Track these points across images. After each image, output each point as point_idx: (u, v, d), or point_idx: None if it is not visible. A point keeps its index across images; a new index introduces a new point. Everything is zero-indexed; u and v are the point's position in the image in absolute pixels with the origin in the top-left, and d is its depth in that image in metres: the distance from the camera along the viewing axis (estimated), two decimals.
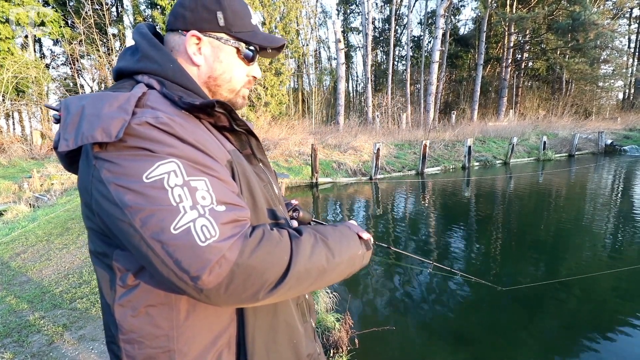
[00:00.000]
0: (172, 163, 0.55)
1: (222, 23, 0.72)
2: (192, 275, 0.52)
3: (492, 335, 2.91)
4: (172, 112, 0.61)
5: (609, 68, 23.93)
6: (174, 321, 0.62)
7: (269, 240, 0.59)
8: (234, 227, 0.57)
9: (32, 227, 5.42)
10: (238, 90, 0.79)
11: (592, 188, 8.85)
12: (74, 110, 0.56)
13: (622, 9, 24.26)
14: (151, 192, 0.53)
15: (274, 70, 16.06)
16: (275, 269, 0.58)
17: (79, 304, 2.99)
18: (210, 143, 0.63)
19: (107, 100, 0.57)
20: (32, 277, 3.60)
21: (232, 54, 0.75)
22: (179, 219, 0.53)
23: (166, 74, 0.68)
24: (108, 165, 0.55)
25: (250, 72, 0.80)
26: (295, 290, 0.61)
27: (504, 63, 23.17)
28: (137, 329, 0.62)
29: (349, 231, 0.76)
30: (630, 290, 3.54)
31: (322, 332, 2.60)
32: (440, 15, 18.19)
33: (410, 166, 12.04)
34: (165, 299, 0.62)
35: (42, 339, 2.53)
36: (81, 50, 15.53)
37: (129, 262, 0.61)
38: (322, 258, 0.64)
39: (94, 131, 0.54)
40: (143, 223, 0.53)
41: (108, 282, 0.64)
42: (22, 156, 11.83)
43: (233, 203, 0.59)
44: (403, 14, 27.45)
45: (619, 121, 21.79)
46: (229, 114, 0.69)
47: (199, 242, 0.52)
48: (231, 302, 0.57)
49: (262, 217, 0.71)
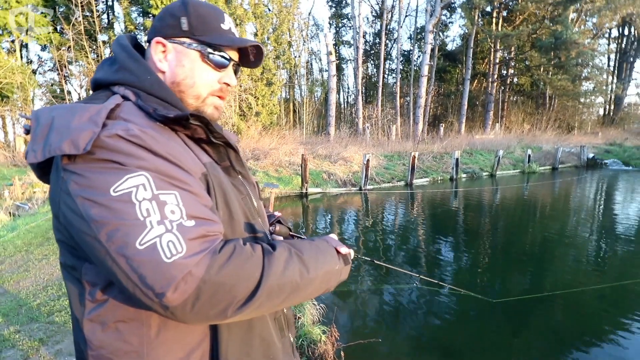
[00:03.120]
0: (141, 176, 0.54)
1: (186, 27, 0.71)
2: (156, 292, 0.51)
3: (479, 347, 2.92)
4: (145, 124, 0.61)
5: (589, 85, 24.89)
6: (144, 337, 0.61)
7: (240, 255, 0.57)
8: (203, 242, 0.55)
9: (11, 236, 5.24)
10: (204, 98, 0.75)
11: (576, 200, 9.08)
12: (44, 122, 0.56)
13: (602, 29, 25.37)
14: (118, 205, 0.52)
15: (265, 81, 16.16)
16: (245, 285, 0.56)
17: (57, 318, 2.89)
18: (184, 156, 0.62)
19: (77, 112, 0.56)
20: (9, 289, 3.47)
21: (196, 58, 0.73)
22: (145, 234, 0.52)
23: (143, 85, 0.68)
24: (76, 177, 0.54)
25: (223, 79, 0.76)
26: (266, 306, 0.60)
27: (490, 78, 23.85)
28: (106, 345, 0.61)
29: (326, 245, 0.74)
30: (617, 303, 3.60)
31: (307, 344, 2.56)
32: (429, 31, 18.70)
33: (399, 177, 12.15)
34: (135, 315, 0.60)
35: (17, 354, 2.42)
36: (69, 56, 15.36)
37: (97, 277, 0.60)
38: (295, 274, 0.62)
39: (61, 143, 0.53)
40: (108, 237, 0.52)
41: (77, 297, 0.63)
42: (3, 163, 11.52)
43: (204, 217, 0.58)
44: (393, 29, 28.09)
45: (600, 136, 22.58)
46: (205, 126, 0.68)
47: (165, 259, 0.51)
48: (198, 319, 0.55)
49: (238, 230, 0.70)
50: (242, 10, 14.81)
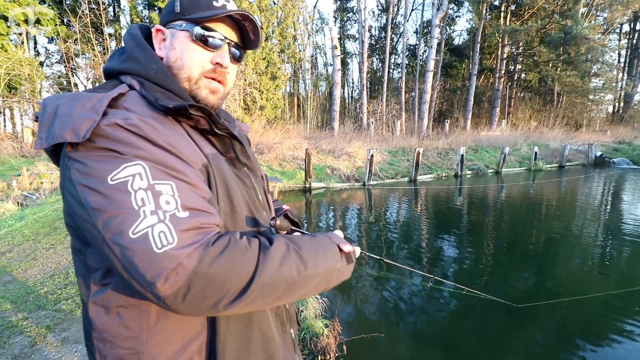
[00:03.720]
0: (138, 165, 0.55)
1: (178, 9, 0.71)
2: (148, 281, 0.51)
3: (483, 345, 2.92)
4: (146, 113, 0.61)
5: (599, 82, 24.44)
6: (144, 324, 0.62)
7: (234, 249, 0.57)
8: (196, 234, 0.56)
9: (19, 226, 5.33)
10: (197, 79, 0.72)
11: (584, 199, 8.99)
12: (49, 110, 0.57)
13: (613, 24, 24.90)
14: (114, 194, 0.53)
15: (270, 75, 16.12)
16: (237, 280, 0.56)
17: (64, 305, 2.94)
18: (185, 146, 0.62)
19: (80, 100, 0.57)
20: (17, 276, 3.54)
21: (185, 38, 0.71)
22: (138, 223, 0.52)
23: (148, 74, 0.68)
24: (77, 165, 0.56)
25: (214, 59, 0.73)
26: (260, 302, 0.59)
27: (497, 74, 23.55)
28: (108, 328, 0.62)
29: (328, 242, 0.71)
30: (624, 311, 3.51)
31: (310, 338, 2.58)
32: (435, 26, 18.47)
33: (403, 173, 12.11)
34: (135, 301, 0.62)
35: (25, 340, 2.48)
36: (76, 48, 15.42)
37: (99, 262, 0.61)
38: (292, 270, 0.61)
39: (64, 131, 0.54)
40: (104, 225, 0.53)
41: (83, 280, 0.65)
42: (11, 154, 11.63)
43: (199, 209, 0.58)
44: (399, 23, 27.79)
45: (608, 134, 22.24)
46: (208, 117, 0.68)
47: (155, 249, 0.51)
48: (190, 311, 0.56)
49: (240, 223, 0.70)
50: (247, 3, 14.74)
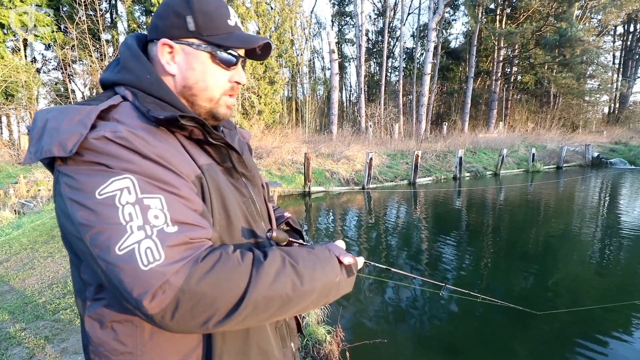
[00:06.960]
0: (126, 179, 0.53)
1: (192, 27, 0.67)
2: (135, 299, 0.50)
3: (487, 350, 2.90)
4: (137, 125, 0.59)
5: (594, 83, 24.65)
6: (138, 339, 0.61)
7: (225, 264, 0.55)
8: (185, 249, 0.54)
9: (17, 234, 5.27)
10: (218, 99, 0.72)
11: (582, 200, 9.01)
12: (39, 124, 0.56)
13: (607, 26, 25.14)
14: (102, 209, 0.52)
15: (267, 79, 16.14)
16: (228, 297, 0.54)
17: (63, 315, 2.90)
18: (176, 158, 0.60)
19: (69, 113, 0.56)
20: (15, 286, 3.49)
21: (206, 60, 0.69)
22: (124, 239, 0.51)
23: (142, 84, 0.66)
24: (66, 179, 0.54)
25: (233, 78, 0.73)
26: (253, 319, 0.57)
27: (494, 76, 23.70)
28: (103, 343, 0.61)
29: (327, 254, 0.68)
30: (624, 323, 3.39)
31: (312, 345, 2.56)
32: (432, 29, 18.59)
33: (402, 176, 12.12)
34: (128, 317, 0.60)
35: (23, 352, 2.43)
36: (73, 55, 15.40)
37: (92, 276, 0.60)
38: (287, 286, 0.58)
39: (51, 145, 0.53)
40: (92, 240, 0.51)
41: (79, 293, 0.64)
42: (8, 161, 11.56)
43: (189, 222, 0.56)
44: (396, 26, 27.96)
45: (605, 135, 22.39)
46: (202, 127, 0.65)
47: (141, 266, 0.50)
48: (179, 329, 0.54)
49: (236, 235, 0.68)
50: (244, 8, 14.79)
